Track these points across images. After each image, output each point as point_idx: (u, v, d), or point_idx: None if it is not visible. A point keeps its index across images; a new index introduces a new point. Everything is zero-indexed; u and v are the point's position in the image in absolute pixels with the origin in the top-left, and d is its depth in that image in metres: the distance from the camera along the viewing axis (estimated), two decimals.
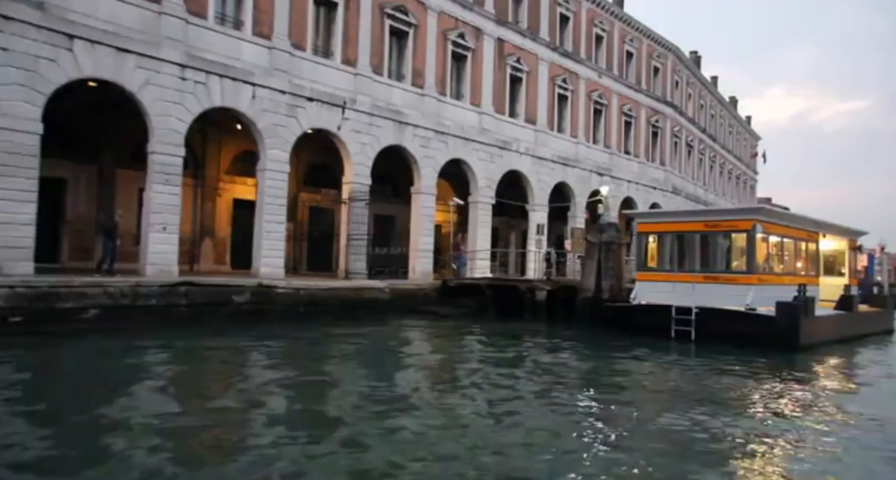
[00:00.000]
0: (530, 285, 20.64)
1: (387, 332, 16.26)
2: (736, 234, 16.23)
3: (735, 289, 15.83)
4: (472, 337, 17.02)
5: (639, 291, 17.57)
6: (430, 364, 12.48)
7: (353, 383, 10.08)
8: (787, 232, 17.27)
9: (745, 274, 15.85)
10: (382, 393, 9.16)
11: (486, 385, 10.04)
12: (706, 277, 16.38)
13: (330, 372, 11.17)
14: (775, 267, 17.26)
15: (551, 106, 29.48)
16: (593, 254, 18.58)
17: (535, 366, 12.35)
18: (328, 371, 11.24)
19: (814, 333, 15.56)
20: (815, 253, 19.46)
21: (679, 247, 17.04)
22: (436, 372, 11.67)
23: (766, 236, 16.39)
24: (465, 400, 8.98)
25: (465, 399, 9.03)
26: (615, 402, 9.27)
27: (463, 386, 9.98)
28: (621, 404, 9.18)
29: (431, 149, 23.22)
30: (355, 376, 10.84)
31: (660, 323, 16.30)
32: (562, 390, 9.94)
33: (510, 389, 9.73)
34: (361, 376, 10.83)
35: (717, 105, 49.99)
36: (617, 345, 15.32)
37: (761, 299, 15.52)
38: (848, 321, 17.94)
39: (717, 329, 15.52)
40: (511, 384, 10.17)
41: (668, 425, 7.86)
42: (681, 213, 17.29)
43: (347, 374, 11.06)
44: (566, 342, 16.22)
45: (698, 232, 16.67)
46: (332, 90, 19.88)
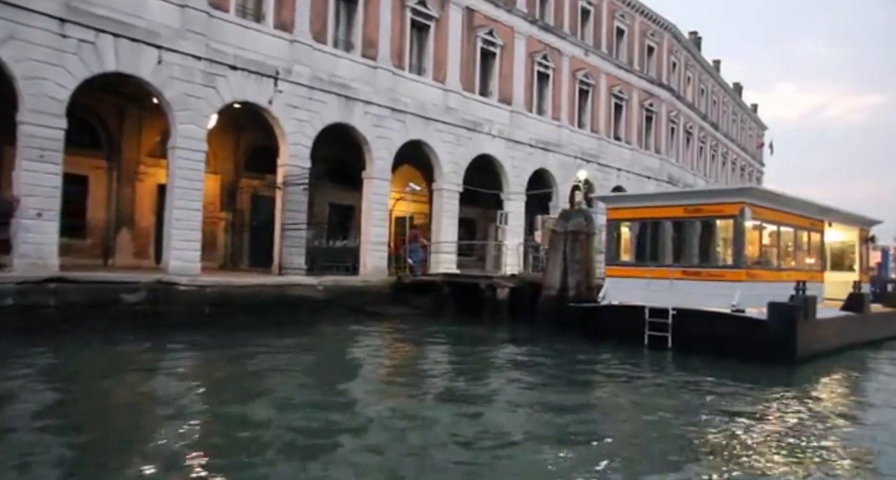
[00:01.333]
0: (490, 282, 18.05)
1: (300, 340, 13.69)
2: (721, 221, 13.56)
3: (720, 287, 13.18)
4: (404, 346, 14.49)
5: (609, 289, 14.94)
6: (295, 397, 8.64)
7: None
8: (783, 218, 14.57)
9: (732, 269, 13.19)
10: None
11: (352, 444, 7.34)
12: (685, 272, 13.73)
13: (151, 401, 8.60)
14: (769, 260, 14.57)
15: (529, 85, 26.80)
16: (558, 246, 15.95)
17: (447, 397, 9.76)
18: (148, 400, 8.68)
19: (815, 340, 12.89)
20: (818, 244, 16.75)
21: (654, 237, 14.38)
22: (293, 414, 7.74)
23: (757, 223, 13.71)
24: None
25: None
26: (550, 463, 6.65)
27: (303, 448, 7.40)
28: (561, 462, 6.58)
29: (386, 128, 20.63)
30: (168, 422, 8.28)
31: (631, 328, 13.71)
32: (470, 444, 7.34)
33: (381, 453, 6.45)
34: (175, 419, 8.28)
35: (719, 91, 47.06)
36: (577, 357, 12.74)
37: (751, 298, 12.88)
38: (858, 324, 15.23)
39: (698, 334, 12.93)
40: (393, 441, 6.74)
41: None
42: (656, 196, 14.65)
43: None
44: (519, 351, 13.65)
45: (676, 218, 14.01)
46: (263, 58, 17.31)
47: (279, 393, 8.65)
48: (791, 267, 15.18)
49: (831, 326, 13.85)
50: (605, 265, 15.39)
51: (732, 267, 13.17)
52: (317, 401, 8.31)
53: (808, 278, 15.63)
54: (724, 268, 13.33)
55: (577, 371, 11.45)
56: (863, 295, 15.62)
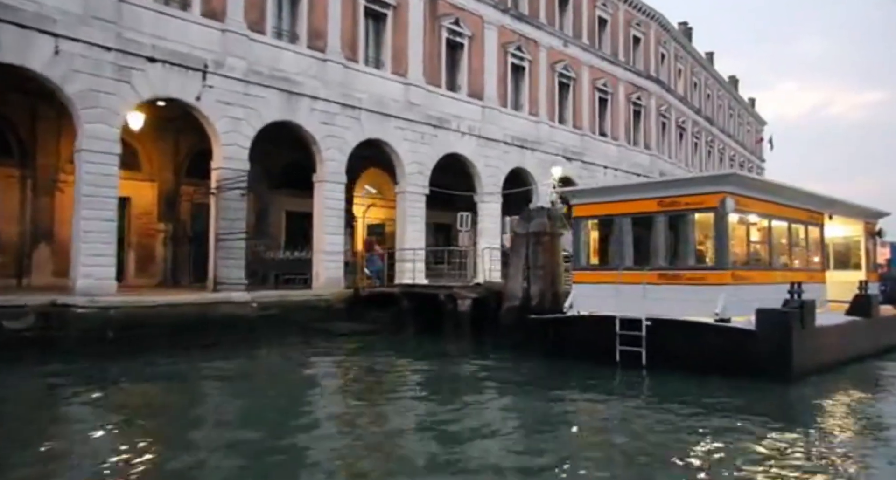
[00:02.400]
0: (451, 292, 16.09)
1: (223, 367, 11.76)
2: (700, 214, 11.58)
3: (700, 292, 11.21)
4: (336, 372, 12.51)
5: (575, 298, 12.97)
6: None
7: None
8: (775, 210, 12.59)
9: (714, 271, 11.21)
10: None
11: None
12: (661, 276, 11.75)
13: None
14: (759, 259, 12.58)
15: (503, 78, 24.94)
16: (519, 250, 14.02)
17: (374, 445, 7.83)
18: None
19: (815, 352, 10.89)
20: (818, 239, 14.74)
21: (624, 236, 12.41)
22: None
23: (743, 216, 11.74)
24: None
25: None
26: None
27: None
28: None
29: (337, 126, 18.77)
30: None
31: (601, 342, 11.75)
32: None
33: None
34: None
35: (713, 84, 45.13)
36: (533, 382, 10.82)
37: (738, 305, 10.91)
38: (865, 330, 13.20)
39: (676, 349, 10.96)
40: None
41: None
42: (625, 188, 12.67)
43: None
44: (469, 375, 11.72)
45: (649, 213, 12.04)
46: (188, 49, 15.51)
47: (164, 440, 6.73)
48: (786, 267, 13.18)
49: (834, 335, 11.83)
50: (571, 270, 13.42)
51: (715, 269, 11.19)
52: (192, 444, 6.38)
53: (807, 279, 13.67)
54: (705, 270, 11.36)
55: (529, 401, 9.49)
56: (870, 296, 13.60)
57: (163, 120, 18.17)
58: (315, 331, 16.22)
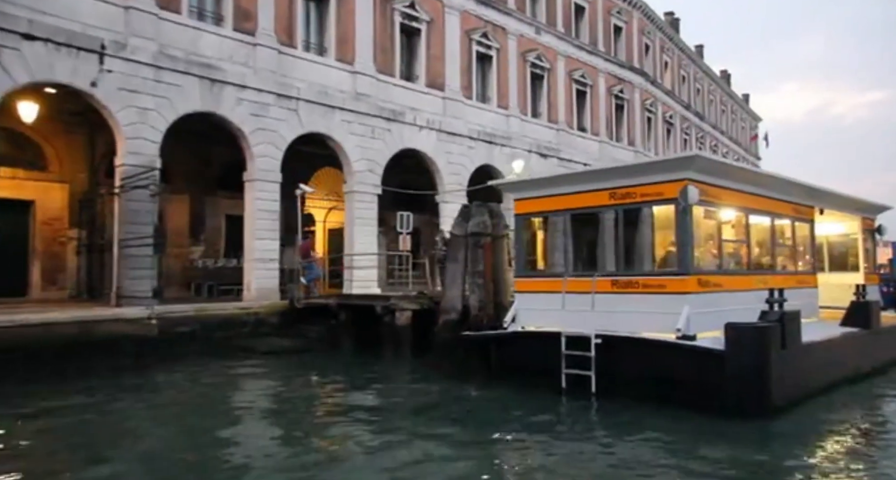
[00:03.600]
0: (388, 304, 14.05)
1: (91, 401, 9.69)
2: (659, 208, 9.54)
3: (660, 303, 9.16)
4: (240, 404, 10.39)
5: (519, 309, 10.92)
6: None
7: None
8: (753, 203, 10.54)
9: (676, 276, 9.15)
10: None
11: None
12: (615, 284, 9.70)
13: None
14: (734, 260, 10.55)
15: (467, 68, 22.95)
16: (457, 255, 11.99)
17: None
18: None
19: (801, 376, 8.83)
20: (808, 237, 12.70)
21: (572, 235, 10.38)
22: None
23: (712, 208, 9.70)
24: None
25: None
26: None
27: None
28: None
29: (270, 118, 16.78)
30: None
31: (545, 364, 9.72)
32: None
33: None
34: None
35: (703, 78, 43.15)
36: (466, 415, 8.79)
37: (707, 318, 8.87)
38: (863, 344, 11.13)
39: (631, 373, 8.95)
40: None
41: None
42: (574, 178, 10.56)
43: None
44: (396, 403, 9.69)
45: (600, 208, 10.00)
46: (80, 28, 13.53)
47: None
48: (768, 270, 11.14)
49: (825, 352, 9.76)
50: (514, 276, 11.37)
51: (676, 274, 9.13)
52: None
53: (795, 284, 11.71)
54: (665, 276, 9.30)
55: (451, 448, 7.43)
56: (869, 303, 11.54)
57: (72, 113, 16.21)
58: (237, 350, 14.21)
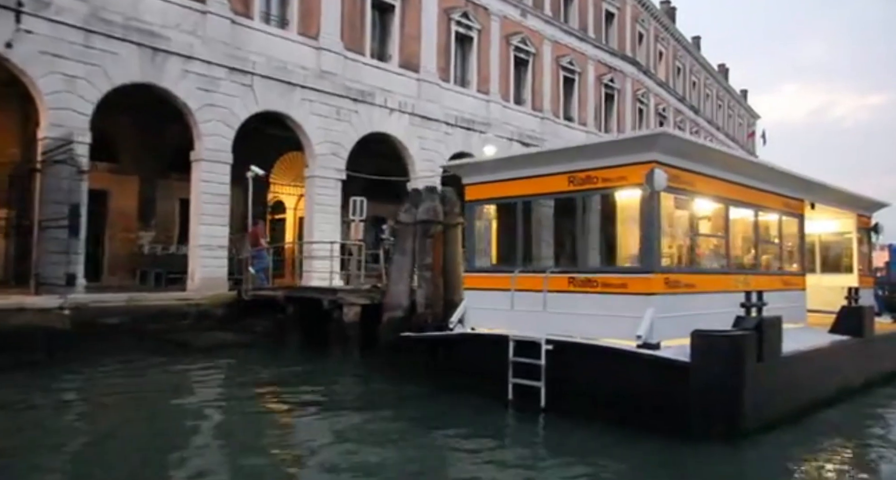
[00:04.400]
0: (335, 298, 12.79)
1: None
2: (623, 194, 8.29)
3: (620, 305, 7.91)
4: (144, 415, 9.12)
5: (468, 308, 9.66)
6: None
7: None
8: (733, 192, 9.28)
9: (640, 274, 7.88)
10: None
11: None
12: (572, 281, 8.44)
13: None
14: (709, 257, 9.31)
15: (444, 49, 21.62)
16: (405, 245, 10.72)
17: None
18: None
19: (780, 393, 7.60)
20: (796, 234, 11.46)
21: (524, 225, 9.13)
22: None
23: (683, 196, 8.44)
24: None
25: None
26: None
27: None
28: None
29: (221, 94, 15.45)
30: None
31: (491, 372, 8.49)
32: None
33: None
34: None
35: (700, 71, 41.83)
36: (401, 431, 7.57)
37: (674, 323, 7.63)
38: (854, 355, 9.91)
39: (585, 386, 7.72)
40: None
41: None
42: (530, 160, 9.17)
43: None
44: (325, 416, 8.43)
45: (557, 195, 8.73)
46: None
47: None
48: (750, 270, 9.90)
49: (810, 364, 8.52)
50: (463, 272, 10.11)
51: (640, 272, 7.86)
52: None
53: (781, 285, 10.54)
54: (627, 274, 8.04)
55: (359, 465, 6.19)
56: (861, 309, 10.30)
57: (3, 83, 14.85)
58: (170, 345, 12.95)
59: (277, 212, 24.36)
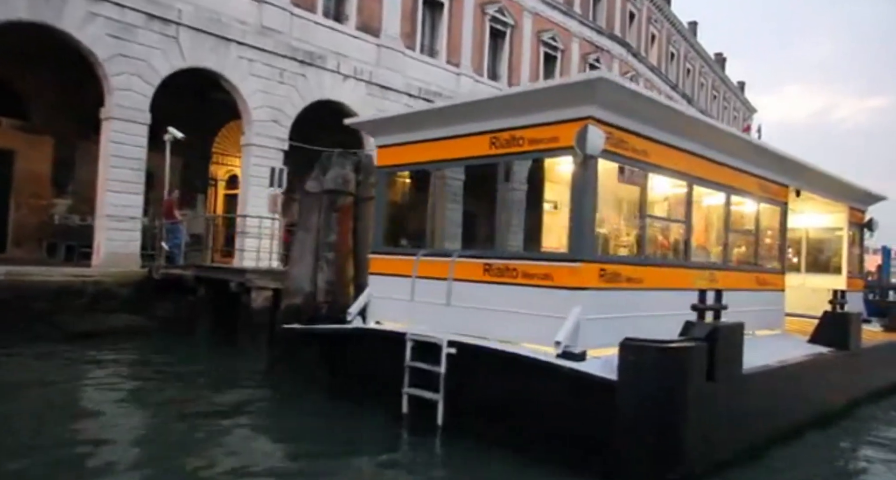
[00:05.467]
0: (243, 279, 11.06)
1: None
2: (553, 162, 6.56)
3: (544, 300, 6.20)
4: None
5: (372, 297, 7.93)
6: None
7: None
8: (699, 168, 7.54)
9: (567, 263, 6.13)
10: None
11: None
12: (488, 269, 6.71)
13: None
14: (663, 246, 7.62)
15: (410, 13, 19.74)
16: (309, 221, 8.97)
17: None
18: None
19: (737, 422, 5.91)
20: (777, 225, 9.78)
21: (439, 198, 7.40)
22: None
23: (632, 166, 6.68)
24: None
25: None
26: None
27: None
28: None
29: (138, 45, 13.60)
30: None
31: (386, 377, 6.79)
32: None
33: None
34: None
35: (695, 58, 39.99)
36: (255, 450, 5.84)
37: (606, 328, 5.92)
38: (836, 370, 8.24)
39: (491, 403, 6.05)
40: None
41: None
42: (444, 114, 7.30)
43: None
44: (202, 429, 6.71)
45: (476, 160, 6.96)
46: None
47: None
48: (717, 264, 8.21)
49: (779, 383, 6.82)
50: (369, 253, 8.34)
51: (567, 260, 6.14)
52: None
53: (755, 284, 8.93)
54: (553, 261, 6.31)
55: None
56: (847, 316, 8.61)
57: None
58: (58, 329, 11.23)
59: (233, 186, 22.52)
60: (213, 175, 19.93)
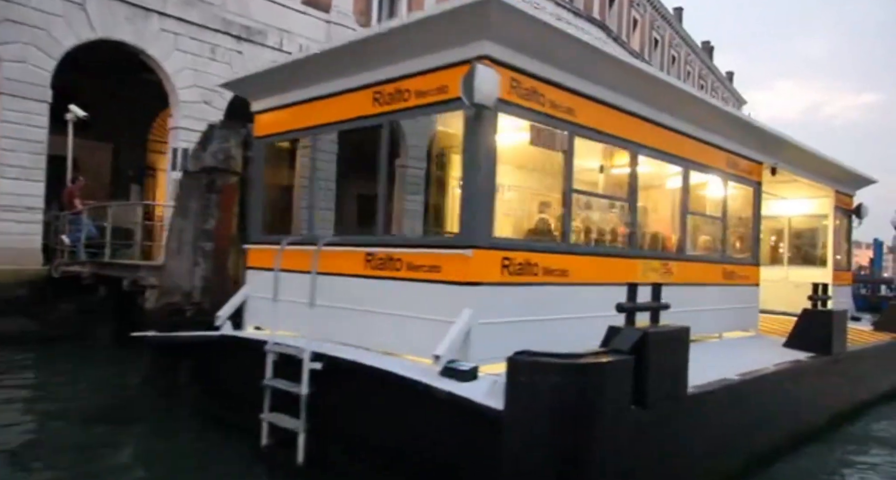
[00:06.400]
0: (136, 276, 9.55)
1: None
2: (447, 119, 5.10)
3: (431, 299, 4.74)
4: None
5: (249, 297, 6.45)
6: None
7: None
8: (643, 134, 6.07)
9: (456, 251, 4.66)
10: None
11: None
12: (370, 260, 5.24)
13: None
14: (593, 229, 6.18)
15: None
16: (187, 205, 7.47)
17: None
18: None
19: (680, 459, 4.47)
20: (750, 208, 8.37)
21: (312, 172, 5.93)
22: None
23: (545, 125, 5.19)
24: None
25: None
26: None
27: None
28: None
29: (33, 10, 12.01)
30: None
31: (251, 396, 5.30)
32: None
33: None
34: None
35: (681, 45, 38.58)
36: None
37: (508, 337, 4.46)
38: (815, 381, 6.81)
39: (362, 434, 4.55)
40: None
41: None
42: (316, 63, 5.89)
43: None
44: None
45: (361, 120, 5.48)
46: None
47: None
48: (672, 254, 6.78)
49: (739, 405, 5.36)
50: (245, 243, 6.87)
51: (457, 246, 4.68)
52: None
53: (720, 278, 7.57)
54: (442, 248, 4.85)
55: None
56: (829, 316, 7.17)
57: None
58: None
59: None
60: (152, 163, 18.36)
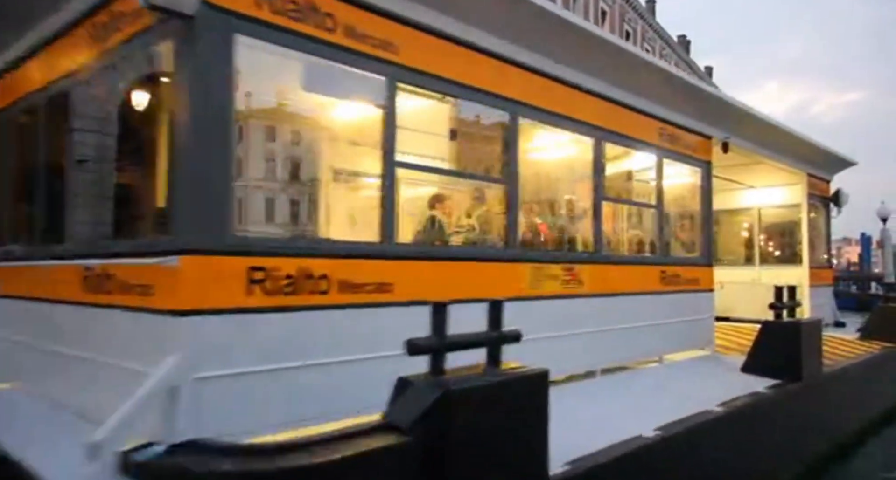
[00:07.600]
0: None
1: None
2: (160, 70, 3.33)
3: (132, 338, 2.94)
4: None
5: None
6: None
7: None
8: (521, 88, 4.32)
9: (159, 260, 2.86)
10: None
11: None
12: (87, 278, 3.44)
13: None
14: (445, 222, 4.43)
15: None
16: None
17: None
18: None
19: None
20: (699, 195, 6.63)
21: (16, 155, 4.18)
22: None
23: (327, 51, 3.43)
24: None
25: None
26: None
27: None
28: None
29: None
30: None
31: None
32: None
33: None
34: None
35: (655, 39, 37.11)
36: None
37: (268, 392, 2.67)
38: (783, 420, 5.06)
39: None
40: None
41: None
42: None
43: None
44: None
45: (66, 83, 3.71)
46: None
47: None
48: (577, 254, 5.05)
49: (640, 476, 3.60)
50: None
51: (158, 252, 2.90)
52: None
53: (661, 284, 5.85)
54: (142, 256, 3.07)
55: None
56: (797, 328, 5.43)
57: None
58: None
59: None
60: None
